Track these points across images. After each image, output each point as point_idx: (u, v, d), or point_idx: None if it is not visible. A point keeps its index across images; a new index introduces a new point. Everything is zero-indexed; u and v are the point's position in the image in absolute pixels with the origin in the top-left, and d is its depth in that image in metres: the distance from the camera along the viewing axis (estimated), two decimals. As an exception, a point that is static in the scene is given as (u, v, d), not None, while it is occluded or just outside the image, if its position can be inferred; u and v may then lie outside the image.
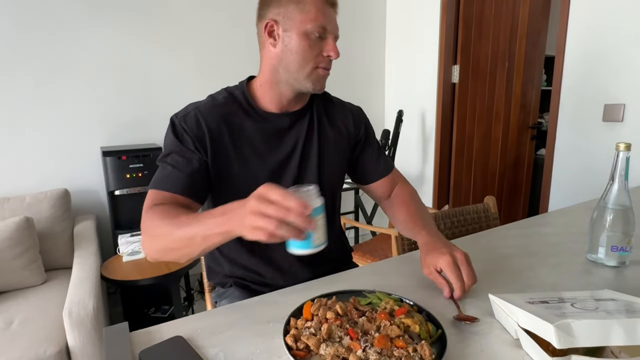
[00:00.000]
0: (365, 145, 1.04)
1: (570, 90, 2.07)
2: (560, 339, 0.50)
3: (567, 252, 0.97)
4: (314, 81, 0.87)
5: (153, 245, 0.73)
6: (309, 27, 0.82)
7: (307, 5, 0.82)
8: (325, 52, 0.85)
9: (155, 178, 0.82)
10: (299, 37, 0.83)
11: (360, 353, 0.54)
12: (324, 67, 0.87)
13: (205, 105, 0.88)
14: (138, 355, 0.58)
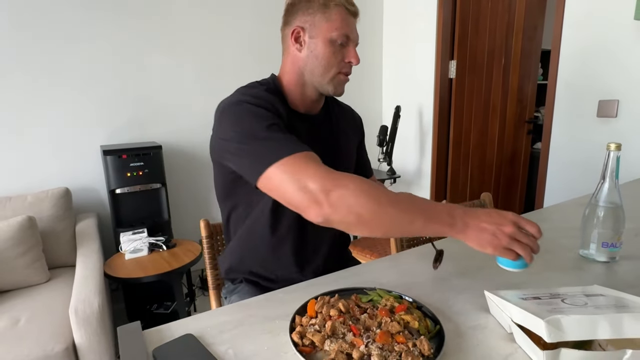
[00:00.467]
0: (361, 144, 1.17)
1: (565, 85, 2.10)
2: (550, 333, 0.53)
3: (560, 248, 1.00)
4: (336, 85, 0.94)
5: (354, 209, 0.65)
6: (334, 35, 0.88)
7: (333, 14, 0.89)
8: (347, 58, 0.91)
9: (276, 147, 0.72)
10: (324, 44, 0.89)
11: (363, 348, 0.57)
12: (345, 73, 0.93)
13: (258, 90, 0.89)
14: (152, 353, 0.61)
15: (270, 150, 0.72)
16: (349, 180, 0.67)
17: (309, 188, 0.67)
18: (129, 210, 2.10)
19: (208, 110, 2.38)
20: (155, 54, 2.28)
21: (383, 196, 0.66)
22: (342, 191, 0.66)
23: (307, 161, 0.70)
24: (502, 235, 0.65)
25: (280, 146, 0.73)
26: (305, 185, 0.67)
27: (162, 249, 1.98)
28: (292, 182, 0.68)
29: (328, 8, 0.88)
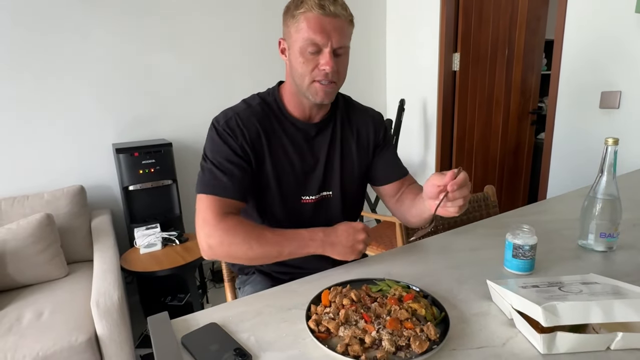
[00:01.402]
0: (383, 147, 1.08)
1: (568, 77, 2.12)
2: (547, 318, 0.58)
3: (560, 238, 1.05)
4: (313, 94, 0.91)
5: (230, 252, 0.86)
6: (301, 45, 0.86)
7: (300, 23, 0.86)
8: (320, 65, 0.87)
9: (206, 182, 0.89)
10: (295, 54, 0.89)
11: (374, 334, 0.63)
12: (319, 81, 0.89)
13: (243, 111, 0.94)
14: (180, 340, 0.67)
15: (202, 181, 0.90)
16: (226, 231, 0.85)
17: (202, 229, 0.86)
18: (142, 206, 2.16)
19: (215, 107, 2.41)
20: (164, 53, 2.33)
21: (253, 239, 0.85)
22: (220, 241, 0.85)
23: (214, 207, 0.87)
24: (357, 244, 0.88)
25: (207, 182, 0.89)
26: (202, 226, 0.87)
27: (175, 243, 2.05)
28: (197, 217, 0.88)
29: (294, 18, 0.87)
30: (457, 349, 0.63)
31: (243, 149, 0.92)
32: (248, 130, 0.92)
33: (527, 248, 0.83)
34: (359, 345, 0.61)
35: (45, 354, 1.38)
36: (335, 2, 0.86)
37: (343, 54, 0.91)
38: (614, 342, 0.59)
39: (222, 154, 0.90)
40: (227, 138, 0.91)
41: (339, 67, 0.91)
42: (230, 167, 0.90)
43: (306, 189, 0.99)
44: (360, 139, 1.05)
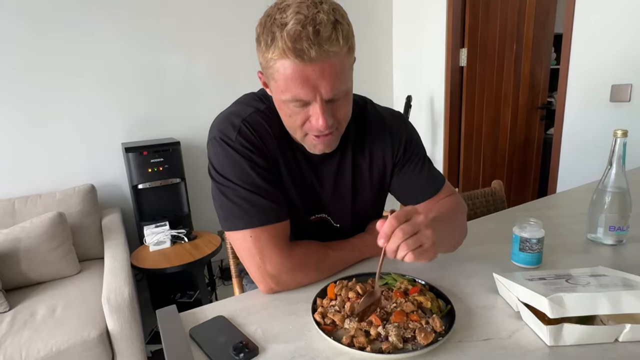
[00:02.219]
0: (404, 163, 0.89)
1: (577, 71, 2.09)
2: (553, 310, 0.58)
3: (569, 232, 1.04)
4: (310, 147, 0.78)
5: (301, 283, 0.79)
6: (282, 98, 0.69)
7: (276, 73, 0.66)
8: (311, 121, 0.71)
9: (250, 213, 0.74)
10: (278, 102, 0.73)
11: (381, 329, 0.63)
12: (315, 135, 0.73)
13: (250, 117, 0.78)
14: (188, 332, 0.68)
15: (241, 214, 0.74)
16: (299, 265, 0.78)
17: (266, 269, 0.76)
18: (151, 205, 2.19)
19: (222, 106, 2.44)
20: (172, 53, 2.35)
21: (322, 263, 0.81)
22: (292, 275, 0.77)
23: (271, 239, 0.75)
24: None
25: (250, 214, 0.74)
26: (264, 266, 0.76)
27: (183, 241, 2.07)
28: (251, 257, 0.76)
29: (267, 61, 0.66)
30: (462, 340, 0.63)
31: (267, 160, 0.78)
32: (262, 138, 0.77)
33: (535, 241, 0.82)
34: (364, 337, 0.61)
35: (58, 349, 1.41)
36: (319, 38, 0.62)
37: (342, 97, 0.71)
38: (622, 334, 0.59)
39: (252, 176, 0.75)
40: (248, 155, 0.75)
41: (338, 115, 0.72)
42: (268, 187, 0.76)
43: (312, 208, 0.88)
44: (376, 162, 0.89)
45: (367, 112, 0.89)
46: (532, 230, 0.83)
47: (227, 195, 0.76)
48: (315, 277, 0.81)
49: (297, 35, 0.62)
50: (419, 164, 0.90)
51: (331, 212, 0.90)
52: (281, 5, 0.65)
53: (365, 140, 0.88)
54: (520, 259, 0.84)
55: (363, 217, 0.94)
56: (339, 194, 0.88)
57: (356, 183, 0.89)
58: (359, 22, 2.94)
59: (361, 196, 0.90)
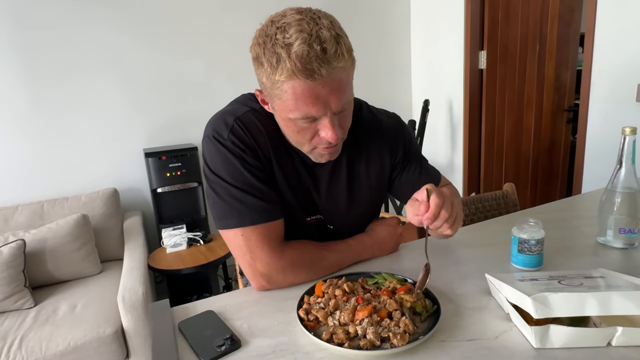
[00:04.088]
0: (404, 165, 0.92)
1: (601, 70, 2.00)
2: (537, 309, 0.55)
3: (580, 235, 0.99)
4: (316, 158, 0.79)
5: (294, 282, 0.79)
6: (290, 117, 0.69)
7: (282, 92, 0.66)
8: (320, 135, 0.72)
9: (242, 212, 0.75)
10: (284, 120, 0.72)
11: (359, 327, 0.62)
12: (324, 147, 0.74)
13: (244, 115, 0.79)
14: (178, 325, 0.70)
15: (233, 213, 0.75)
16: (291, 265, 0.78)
17: (257, 268, 0.77)
18: (170, 208, 2.26)
19: (240, 112, 2.50)
20: (192, 60, 2.43)
21: (317, 264, 0.81)
22: (283, 275, 0.78)
23: (262, 239, 0.76)
24: (399, 239, 0.93)
25: (241, 213, 0.75)
26: (254, 265, 0.77)
27: (199, 243, 2.12)
28: (243, 255, 0.77)
29: (273, 83, 0.66)
30: (446, 340, 0.61)
31: (260, 159, 0.78)
32: (255, 138, 0.78)
33: (533, 242, 0.79)
34: (344, 333, 0.61)
35: (76, 344, 1.47)
36: (327, 56, 0.62)
37: (347, 107, 0.72)
38: (615, 338, 0.56)
39: (244, 175, 0.75)
40: (240, 154, 0.76)
41: (343, 124, 0.74)
42: (261, 186, 0.76)
43: (307, 210, 0.88)
44: (373, 166, 0.89)
45: (362, 114, 0.88)
46: (531, 231, 0.80)
47: (219, 194, 0.77)
48: (308, 278, 0.81)
49: (305, 55, 0.62)
50: (417, 165, 0.93)
51: (326, 214, 0.90)
52: (279, 24, 0.65)
53: (361, 143, 0.87)
54: (520, 260, 0.82)
55: (359, 219, 0.94)
56: (334, 197, 0.88)
57: (352, 186, 0.88)
58: (377, 28, 2.95)
59: (357, 199, 0.90)
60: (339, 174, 0.87)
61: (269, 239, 0.77)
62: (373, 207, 0.96)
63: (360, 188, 0.89)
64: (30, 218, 2.02)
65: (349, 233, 0.91)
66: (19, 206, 2.06)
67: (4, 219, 1.98)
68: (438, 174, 0.98)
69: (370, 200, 0.93)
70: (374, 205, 0.96)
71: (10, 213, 2.01)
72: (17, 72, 2.08)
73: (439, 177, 0.97)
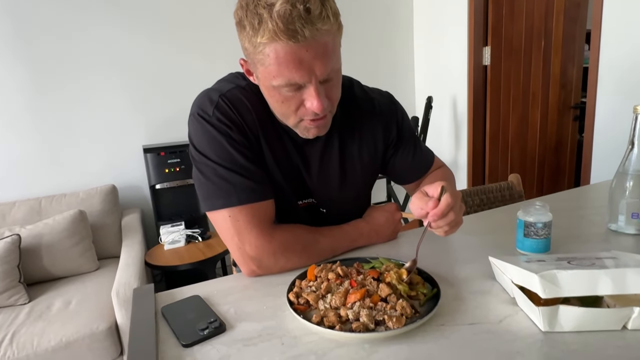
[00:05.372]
0: (399, 145, 0.88)
1: (609, 66, 1.95)
2: (545, 288, 0.51)
3: (588, 224, 0.94)
4: (303, 132, 0.73)
5: (285, 268, 0.75)
6: (273, 84, 0.65)
7: (267, 58, 0.62)
8: (306, 105, 0.67)
9: (228, 191, 0.71)
10: (268, 89, 0.68)
11: (350, 312, 0.58)
12: (310, 119, 0.70)
13: (230, 92, 0.75)
14: (161, 310, 0.66)
15: (219, 193, 0.71)
16: (282, 249, 0.74)
17: (246, 251, 0.73)
18: (169, 205, 2.23)
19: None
20: (190, 58, 2.41)
21: (309, 249, 0.77)
22: (274, 259, 0.74)
23: (251, 220, 0.72)
24: (398, 225, 0.88)
25: (228, 193, 0.71)
26: (243, 248, 0.73)
27: (197, 240, 2.09)
28: (231, 237, 0.73)
29: (255, 47, 0.62)
30: (445, 324, 0.57)
31: (247, 137, 0.74)
32: (241, 115, 0.74)
33: (540, 226, 0.75)
34: (335, 317, 0.57)
35: (68, 340, 1.44)
36: (311, 16, 0.59)
37: (334, 76, 0.68)
38: (631, 320, 0.51)
39: (230, 153, 0.72)
40: (226, 131, 0.72)
41: (331, 96, 0.69)
42: (248, 165, 0.72)
43: (297, 192, 0.83)
44: (366, 144, 0.85)
45: (354, 93, 0.84)
46: (538, 214, 0.75)
47: (205, 174, 0.73)
48: (300, 263, 0.76)
49: (288, 15, 0.58)
50: (412, 145, 0.90)
51: (317, 196, 0.85)
52: None
53: (353, 122, 0.83)
54: (526, 245, 0.77)
55: (352, 202, 0.90)
56: (326, 177, 0.83)
57: (344, 166, 0.84)
58: (379, 23, 2.92)
59: (350, 180, 0.86)
60: (331, 153, 0.82)
61: (258, 220, 0.73)
62: (366, 189, 0.92)
63: (353, 168, 0.85)
64: (27, 214, 1.99)
65: (343, 218, 0.86)
66: (17, 202, 2.04)
67: (1, 215, 1.96)
68: (432, 154, 0.95)
69: (364, 182, 0.89)
70: (367, 187, 0.92)
71: (8, 209, 1.99)
72: (15, 69, 2.06)
73: (432, 158, 0.94)
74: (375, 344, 0.54)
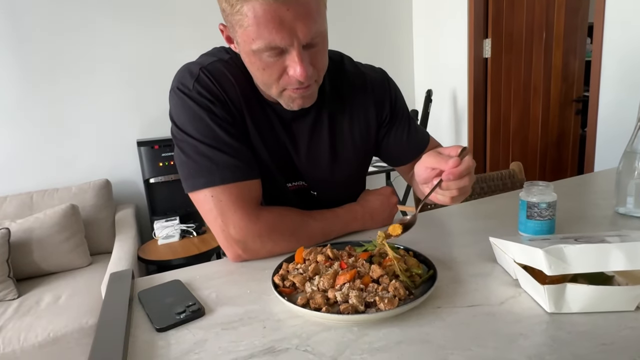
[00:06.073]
0: (392, 124, 0.83)
1: (613, 59, 1.90)
2: (550, 264, 0.46)
3: (594, 207, 0.90)
4: (287, 103, 0.68)
5: (273, 252, 0.71)
6: (253, 48, 0.60)
7: (243, 16, 0.57)
8: (289, 72, 0.62)
9: (210, 170, 0.66)
10: (248, 56, 0.63)
11: (338, 294, 0.53)
12: (294, 89, 0.65)
13: (211, 65, 0.71)
14: (137, 295, 0.61)
15: (201, 172, 0.67)
16: (269, 231, 0.69)
17: (230, 234, 0.68)
18: (163, 200, 2.19)
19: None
20: (184, 52, 2.37)
21: (299, 232, 0.72)
22: (261, 242, 0.69)
23: (235, 200, 0.67)
24: (393, 209, 0.83)
25: (210, 171, 0.67)
26: (227, 230, 0.68)
27: (192, 235, 2.04)
28: (214, 219, 0.68)
29: (234, 8, 0.57)
30: (442, 307, 0.52)
31: (230, 112, 0.70)
32: (224, 88, 0.69)
33: (544, 206, 0.70)
34: (323, 299, 0.52)
35: (56, 335, 1.40)
36: None
37: (319, 42, 0.62)
38: (645, 299, 0.46)
39: (212, 130, 0.67)
40: (207, 105, 0.68)
41: (316, 64, 0.64)
42: (232, 142, 0.68)
43: (286, 173, 0.79)
44: (357, 123, 0.80)
45: (344, 67, 0.80)
46: (542, 194, 0.71)
47: (186, 152, 0.69)
48: (289, 247, 0.71)
49: None
50: (406, 124, 0.85)
51: (308, 178, 0.81)
52: None
53: (344, 97, 0.79)
54: (529, 228, 0.72)
55: (345, 185, 0.85)
56: (316, 157, 0.79)
57: (335, 145, 0.79)
58: (377, 15, 2.88)
59: (341, 160, 0.81)
60: (320, 131, 0.78)
61: (242, 200, 0.68)
62: (359, 171, 0.88)
63: (344, 148, 0.80)
64: (18, 208, 1.96)
65: (335, 203, 0.81)
66: (8, 197, 2.00)
67: (-8, 210, 1.92)
68: (427, 134, 0.89)
69: (356, 163, 0.84)
70: (360, 169, 0.88)
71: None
72: (8, 62, 2.03)
73: (428, 138, 0.88)
74: (365, 326, 0.49)
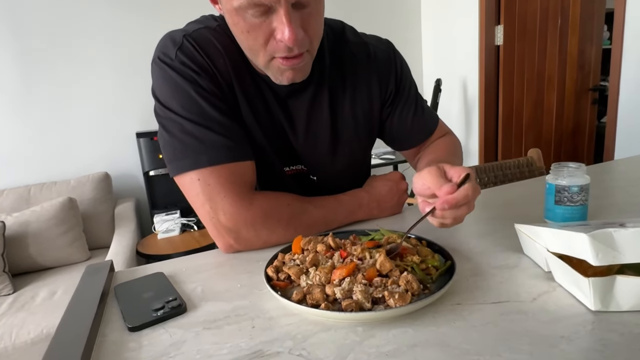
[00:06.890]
0: (397, 101, 0.75)
1: (634, 47, 1.80)
2: (597, 253, 0.38)
3: (624, 194, 0.81)
4: (276, 75, 0.60)
5: (268, 242, 0.64)
6: (235, 5, 0.53)
7: None
8: (276, 36, 0.54)
9: (197, 150, 0.59)
10: (230, 16, 0.56)
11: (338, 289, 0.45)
12: (283, 57, 0.57)
13: (196, 32, 0.63)
14: (113, 289, 0.54)
15: (187, 153, 0.60)
16: (263, 218, 0.62)
17: (220, 221, 0.61)
18: (163, 193, 2.13)
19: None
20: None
21: (297, 220, 0.65)
22: (254, 230, 0.62)
23: (224, 183, 0.60)
24: (402, 196, 0.76)
25: (197, 152, 0.59)
26: (216, 217, 0.61)
27: (193, 229, 1.98)
28: (202, 205, 0.61)
29: None
30: (463, 303, 0.44)
31: (218, 85, 0.62)
32: (210, 58, 0.61)
33: (576, 190, 0.62)
34: (321, 294, 0.45)
35: (49, 331, 1.34)
36: None
37: (312, 2, 0.55)
38: None
39: (198, 104, 0.60)
40: (192, 76, 0.60)
41: (309, 29, 0.56)
42: (221, 118, 0.61)
43: (283, 154, 0.72)
44: (360, 99, 0.72)
45: (346, 37, 0.72)
46: (572, 176, 0.62)
47: (170, 131, 0.61)
48: (287, 237, 0.63)
49: None
50: (413, 103, 0.77)
51: (307, 161, 0.73)
52: None
53: (345, 71, 0.70)
54: (558, 215, 0.64)
55: (347, 170, 0.77)
56: (314, 137, 0.71)
57: (336, 124, 0.71)
58: (385, 1, 2.78)
59: (343, 141, 0.73)
60: (319, 108, 0.69)
61: (232, 183, 0.60)
62: (363, 154, 0.80)
63: (346, 127, 0.72)
64: (15, 202, 1.91)
65: (337, 189, 0.73)
66: (5, 190, 1.95)
67: (-12, 203, 1.87)
68: (436, 117, 0.82)
69: (359, 145, 0.76)
70: (363, 152, 0.80)
71: (-5, 197, 1.90)
72: (4, 54, 1.98)
73: (436, 121, 0.81)
74: (371, 326, 0.41)
